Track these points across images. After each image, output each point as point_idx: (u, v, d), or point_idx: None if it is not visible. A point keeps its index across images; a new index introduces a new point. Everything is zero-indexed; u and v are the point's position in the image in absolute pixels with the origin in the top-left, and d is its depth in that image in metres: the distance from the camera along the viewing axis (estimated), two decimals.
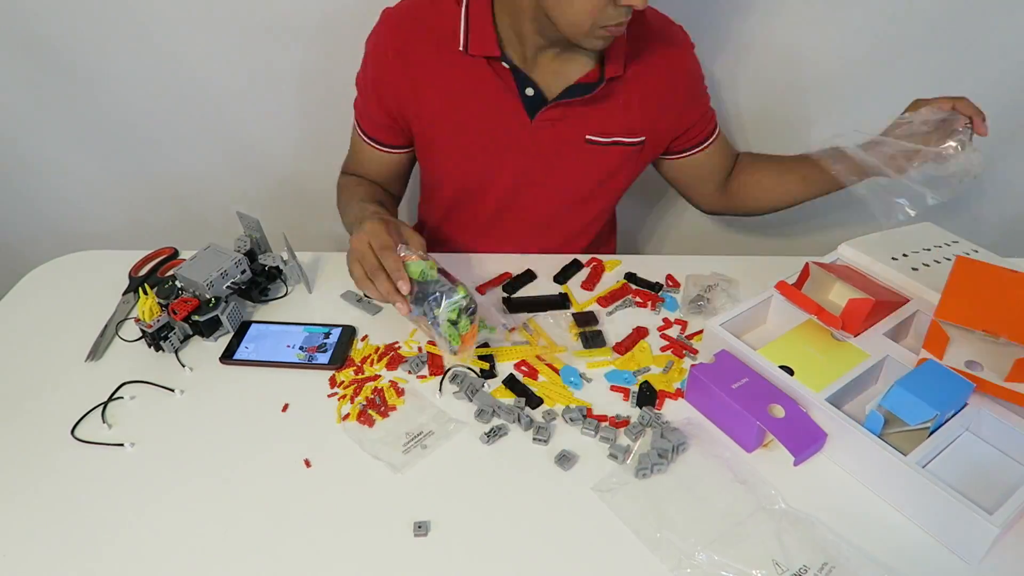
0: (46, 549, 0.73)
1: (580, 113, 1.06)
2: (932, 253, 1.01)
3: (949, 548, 0.71)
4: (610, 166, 1.13)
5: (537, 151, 1.09)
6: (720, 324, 0.90)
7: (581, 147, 1.09)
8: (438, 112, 1.07)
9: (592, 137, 1.08)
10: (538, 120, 1.05)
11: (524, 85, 1.04)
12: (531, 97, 1.04)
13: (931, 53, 1.26)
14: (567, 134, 1.08)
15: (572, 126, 1.07)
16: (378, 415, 0.86)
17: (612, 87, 1.05)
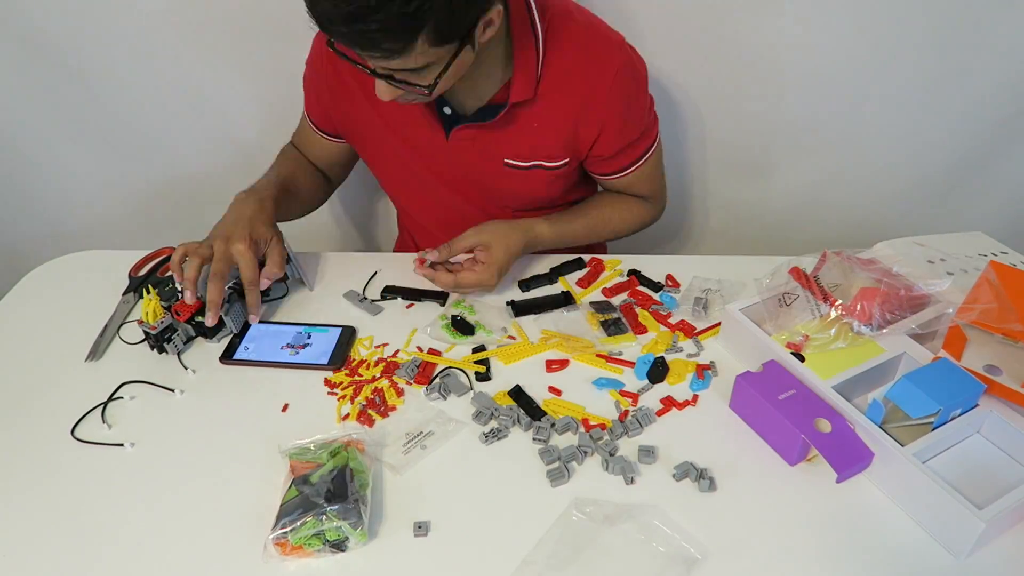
0: (46, 549, 0.73)
1: (495, 136, 1.03)
2: (975, 260, 1.00)
3: (939, 541, 0.72)
4: (536, 187, 1.10)
5: (458, 169, 1.08)
6: (739, 310, 0.91)
7: (500, 169, 1.07)
8: (363, 121, 1.08)
9: (510, 161, 1.06)
10: (453, 139, 1.04)
11: (442, 103, 1.02)
12: (448, 115, 1.03)
13: (931, 52, 1.26)
14: (484, 156, 1.05)
15: (488, 148, 1.04)
16: (378, 415, 0.86)
17: (522, 111, 1.00)
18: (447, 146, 1.04)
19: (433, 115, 1.03)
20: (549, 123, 1.02)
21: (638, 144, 1.09)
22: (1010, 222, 1.48)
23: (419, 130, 1.05)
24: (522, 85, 0.97)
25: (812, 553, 0.71)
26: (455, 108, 1.02)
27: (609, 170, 1.12)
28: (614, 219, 1.18)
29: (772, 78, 1.32)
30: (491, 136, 1.03)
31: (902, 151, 1.42)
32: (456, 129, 1.02)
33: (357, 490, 0.73)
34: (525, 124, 1.02)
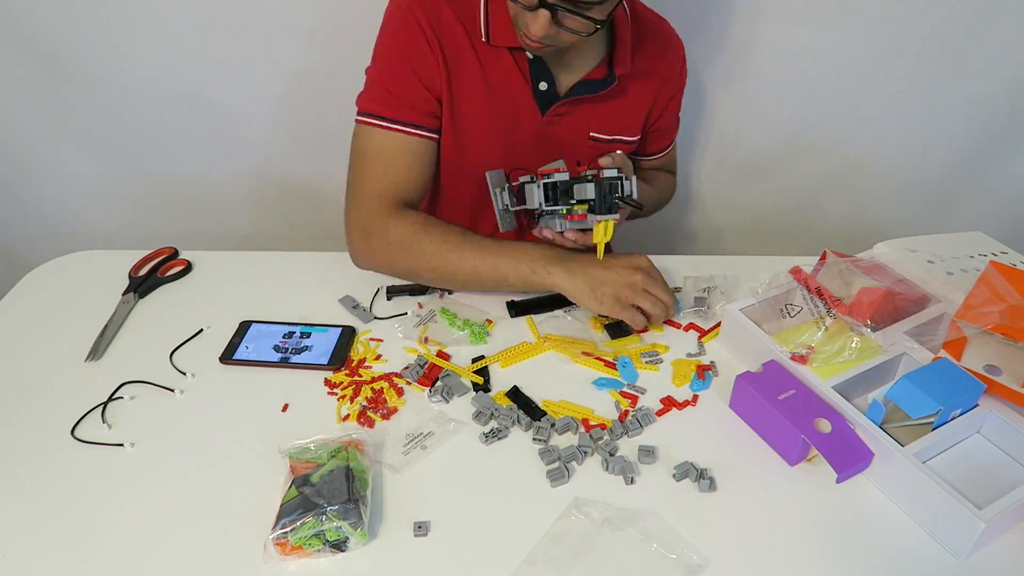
0: (46, 549, 0.73)
1: (588, 110, 1.07)
2: (975, 261, 1.01)
3: (939, 541, 0.72)
4: None
5: (543, 145, 1.09)
6: (739, 309, 0.91)
7: (584, 144, 1.10)
8: (463, 99, 1.03)
9: (595, 134, 1.10)
10: (549, 115, 1.06)
11: (539, 79, 1.03)
12: (544, 92, 1.04)
13: (931, 53, 1.26)
14: (573, 130, 1.09)
15: (578, 122, 1.08)
16: (378, 417, 0.86)
17: (619, 85, 1.06)
18: (542, 122, 1.07)
19: (529, 92, 1.04)
20: (634, 97, 1.09)
21: (677, 121, 1.21)
22: (1010, 222, 1.49)
23: (517, 109, 1.05)
24: (624, 58, 1.03)
25: (812, 553, 0.71)
26: (551, 84, 1.04)
27: (662, 145, 1.23)
28: (665, 188, 1.28)
29: (772, 79, 1.32)
30: (584, 111, 1.07)
31: (902, 151, 1.42)
32: (555, 106, 1.05)
33: (357, 490, 0.73)
34: (615, 97, 1.07)
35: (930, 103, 1.33)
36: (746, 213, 1.56)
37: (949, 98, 1.32)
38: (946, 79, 1.29)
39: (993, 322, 0.81)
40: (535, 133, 1.08)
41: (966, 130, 1.37)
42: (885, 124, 1.37)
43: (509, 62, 1.02)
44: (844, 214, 1.52)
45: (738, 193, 1.53)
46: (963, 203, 1.48)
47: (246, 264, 1.14)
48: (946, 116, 1.35)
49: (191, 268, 1.12)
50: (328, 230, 1.64)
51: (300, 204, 1.55)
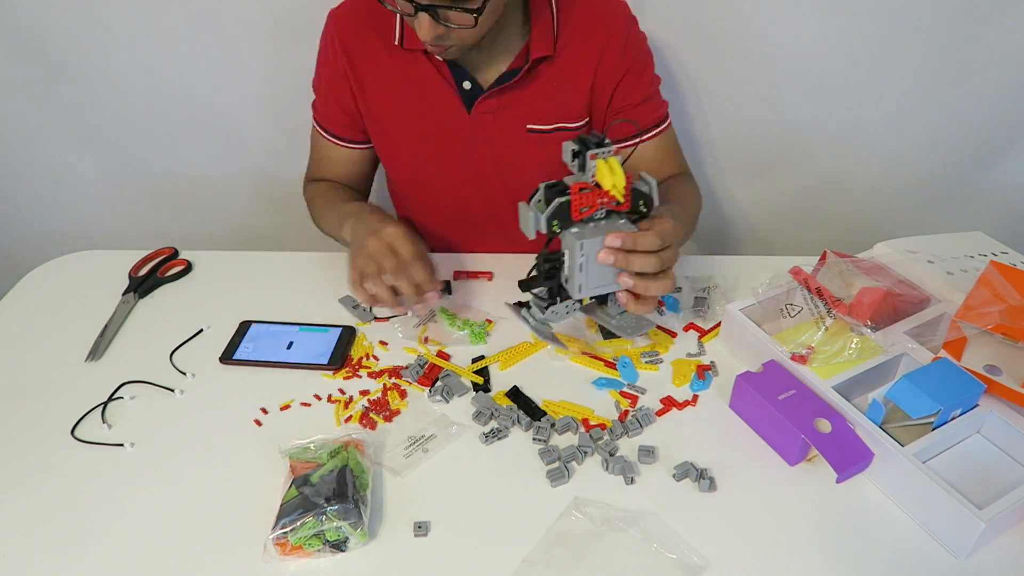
0: (46, 549, 0.73)
1: (516, 101, 1.04)
2: (975, 261, 1.00)
3: (939, 541, 0.72)
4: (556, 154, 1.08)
5: (481, 144, 1.08)
6: (740, 309, 0.91)
7: (524, 137, 1.07)
8: (385, 107, 1.07)
9: (533, 126, 1.06)
10: (475, 112, 1.04)
11: (461, 78, 1.03)
12: (468, 90, 1.03)
13: (931, 53, 1.26)
14: (506, 125, 1.06)
15: (510, 116, 1.05)
16: (380, 419, 0.86)
17: (543, 70, 1.02)
18: (470, 121, 1.05)
19: (453, 92, 1.03)
20: (569, 79, 1.04)
21: (656, 101, 1.10)
22: (1010, 222, 1.49)
23: (441, 111, 1.05)
24: (541, 41, 1.00)
25: (812, 553, 0.71)
26: (475, 81, 1.03)
27: (647, 121, 1.08)
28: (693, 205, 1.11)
29: (773, 79, 1.32)
30: (513, 103, 1.04)
31: (902, 151, 1.42)
32: (479, 101, 1.03)
33: (357, 490, 0.73)
34: (546, 83, 1.03)
35: (930, 103, 1.33)
36: (746, 213, 1.56)
37: (949, 98, 1.32)
38: (946, 79, 1.29)
39: (993, 322, 0.81)
40: (465, 132, 1.06)
41: (966, 130, 1.37)
42: (885, 124, 1.37)
43: (427, 65, 1.02)
44: (844, 214, 1.52)
45: (738, 193, 1.53)
46: (963, 203, 1.48)
47: (246, 264, 1.14)
48: (946, 116, 1.35)
49: (191, 268, 1.12)
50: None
51: (300, 204, 1.55)
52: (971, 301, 0.83)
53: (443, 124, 1.06)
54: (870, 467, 0.76)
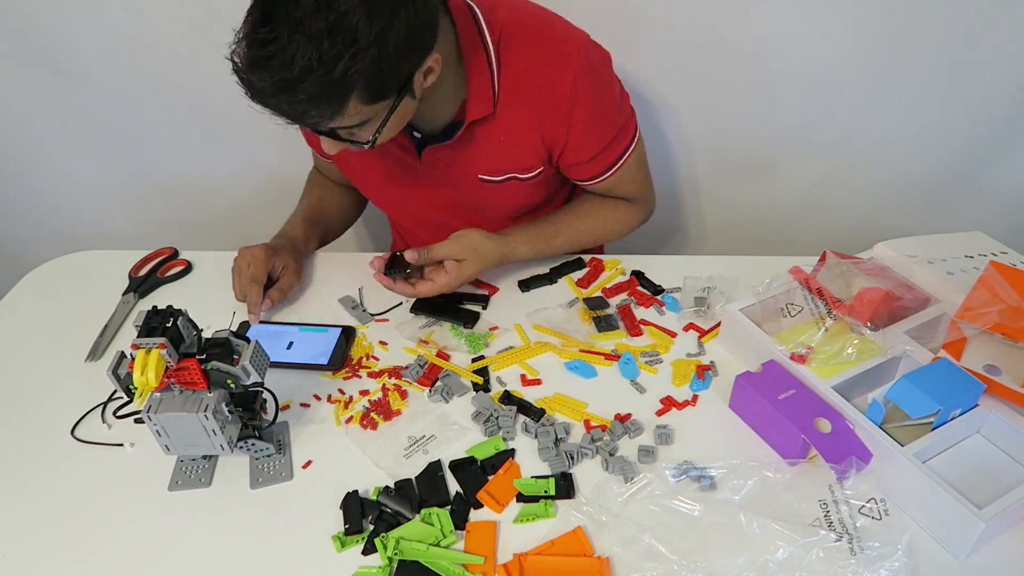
0: (46, 549, 0.73)
1: (464, 153, 1.01)
2: (975, 260, 1.00)
3: (939, 541, 0.72)
4: (516, 197, 1.09)
5: (436, 188, 1.07)
6: (739, 309, 0.91)
7: (476, 184, 1.05)
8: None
9: (484, 176, 1.04)
10: (425, 159, 1.02)
11: (410, 127, 1.01)
12: (419, 139, 1.02)
13: (931, 53, 1.26)
14: (457, 173, 1.04)
15: (461, 167, 1.03)
16: (381, 419, 0.86)
17: (485, 127, 0.98)
18: (422, 166, 1.03)
19: (405, 138, 1.01)
20: (514, 136, 0.99)
21: (614, 146, 1.04)
22: (1010, 222, 1.48)
23: (395, 155, 1.04)
24: (477, 103, 0.95)
25: (812, 553, 0.71)
26: (422, 131, 1.02)
27: (589, 175, 1.07)
28: (598, 227, 1.14)
29: (773, 79, 1.32)
30: (462, 154, 1.01)
31: (902, 151, 1.41)
32: (426, 150, 1.01)
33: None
34: (491, 139, 0.99)
35: (930, 103, 1.33)
36: (746, 213, 1.56)
37: (949, 98, 1.32)
38: (946, 79, 1.29)
39: (993, 322, 0.81)
40: (420, 176, 1.06)
41: (966, 130, 1.37)
42: (885, 124, 1.37)
43: None
44: (844, 214, 1.52)
45: (738, 193, 1.53)
46: (963, 203, 1.48)
47: None
48: (946, 116, 1.35)
49: (191, 268, 1.12)
50: None
51: None
52: (971, 301, 0.83)
53: (398, 166, 1.06)
54: (870, 467, 0.76)
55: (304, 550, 0.72)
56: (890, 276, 0.93)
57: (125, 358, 0.74)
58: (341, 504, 0.75)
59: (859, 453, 0.76)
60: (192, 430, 0.74)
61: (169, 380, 0.73)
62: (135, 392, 0.72)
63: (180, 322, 0.72)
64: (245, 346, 0.75)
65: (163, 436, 0.75)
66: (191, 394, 0.74)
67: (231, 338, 0.75)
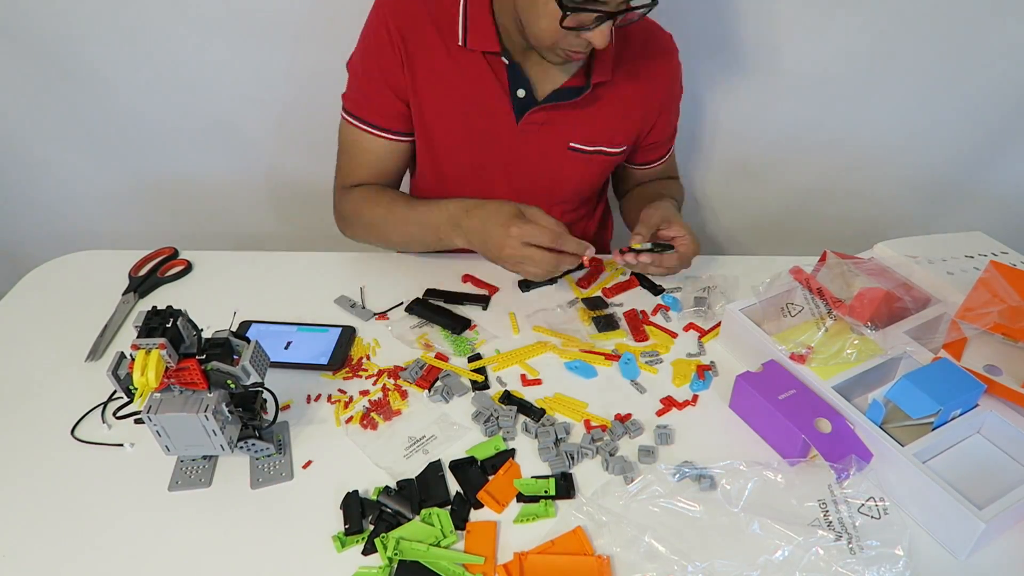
0: (46, 549, 0.73)
1: (565, 119, 1.05)
2: (975, 260, 1.01)
3: (939, 541, 0.72)
4: (589, 173, 1.13)
5: (521, 153, 1.08)
6: (740, 309, 0.91)
7: (563, 154, 1.08)
8: (434, 104, 1.05)
9: (575, 145, 1.08)
10: (524, 123, 1.04)
11: (516, 85, 1.02)
12: (521, 99, 1.03)
13: (931, 53, 1.26)
14: (550, 140, 1.07)
15: (556, 132, 1.06)
16: (381, 419, 0.86)
17: (599, 93, 1.04)
18: (516, 130, 1.05)
19: (506, 99, 1.03)
20: (619, 107, 1.06)
21: (673, 134, 1.19)
22: (1010, 222, 1.49)
23: (491, 115, 1.05)
24: (602, 66, 1.01)
25: (812, 553, 0.71)
26: (529, 91, 1.03)
27: (656, 156, 1.20)
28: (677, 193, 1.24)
29: (773, 79, 1.32)
30: (561, 120, 1.05)
31: (902, 151, 1.42)
32: (530, 112, 1.04)
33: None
34: (596, 106, 1.05)
35: (930, 103, 1.33)
36: (746, 213, 1.56)
37: (949, 98, 1.32)
38: (946, 79, 1.29)
39: (993, 322, 0.81)
40: (510, 140, 1.06)
41: (966, 130, 1.37)
42: (885, 124, 1.37)
43: (485, 67, 1.01)
44: (844, 214, 1.52)
45: (738, 193, 1.53)
46: (963, 203, 1.48)
47: (246, 264, 1.14)
48: (946, 116, 1.35)
49: (191, 268, 1.12)
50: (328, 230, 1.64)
51: (300, 204, 1.55)
52: (971, 301, 0.83)
53: (490, 129, 1.06)
54: (870, 467, 0.76)
55: (304, 550, 0.72)
56: (890, 276, 0.93)
57: (125, 358, 0.74)
58: (341, 504, 0.75)
59: (859, 453, 0.76)
60: (192, 430, 0.74)
61: (169, 380, 0.73)
62: (135, 392, 0.72)
63: (180, 322, 0.72)
64: (245, 346, 0.75)
65: (163, 436, 0.75)
66: (191, 394, 0.74)
67: (231, 338, 0.75)
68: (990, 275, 0.85)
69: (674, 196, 1.20)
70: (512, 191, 1.13)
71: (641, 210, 1.06)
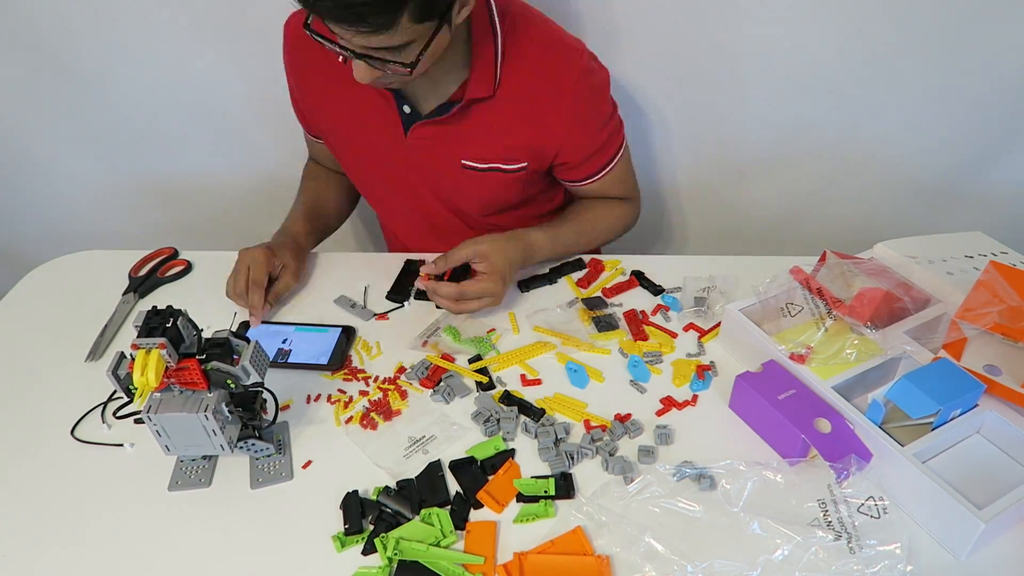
0: (46, 549, 0.73)
1: (452, 135, 1.02)
2: (975, 260, 1.00)
3: (939, 541, 0.72)
4: (490, 190, 1.09)
5: (416, 170, 1.07)
6: (739, 309, 0.91)
7: (458, 171, 1.06)
8: (327, 117, 1.09)
9: (467, 162, 1.05)
10: (411, 137, 1.03)
11: (401, 101, 1.01)
12: (408, 114, 1.02)
13: (931, 53, 1.26)
14: (441, 156, 1.04)
15: (446, 149, 1.04)
16: (381, 419, 0.86)
17: (480, 110, 0.99)
18: (406, 144, 1.04)
19: (394, 113, 1.02)
20: (507, 125, 1.00)
21: (604, 150, 1.08)
22: (1010, 222, 1.48)
23: (380, 129, 1.04)
24: (479, 81, 0.96)
25: (812, 553, 0.71)
26: (414, 107, 1.02)
27: (579, 177, 1.10)
28: (601, 222, 1.16)
29: (773, 79, 1.32)
30: (449, 136, 1.02)
31: (902, 151, 1.41)
32: (414, 127, 1.02)
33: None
34: (482, 124, 1.00)
35: (930, 103, 1.33)
36: (746, 213, 1.56)
37: (949, 98, 1.32)
38: (946, 79, 1.29)
39: (993, 322, 0.81)
40: (403, 155, 1.06)
41: (966, 130, 1.37)
42: (885, 124, 1.37)
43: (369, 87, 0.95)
44: (844, 214, 1.52)
45: (738, 193, 1.52)
46: (963, 203, 1.48)
47: None
48: (946, 116, 1.35)
49: (191, 268, 1.12)
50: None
51: None
52: (971, 301, 0.83)
53: (382, 142, 1.06)
54: (870, 467, 0.76)
55: (304, 550, 0.72)
56: (890, 276, 0.93)
57: (125, 358, 0.74)
58: (341, 504, 0.75)
59: (859, 453, 0.76)
60: (192, 430, 0.74)
61: (169, 380, 0.73)
62: (135, 392, 0.72)
63: (180, 322, 0.72)
64: (245, 346, 0.75)
65: (163, 436, 0.75)
66: (191, 394, 0.74)
67: (231, 338, 0.75)
68: (990, 275, 0.85)
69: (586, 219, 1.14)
70: (414, 201, 1.14)
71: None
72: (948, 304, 0.91)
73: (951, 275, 0.96)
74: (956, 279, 0.95)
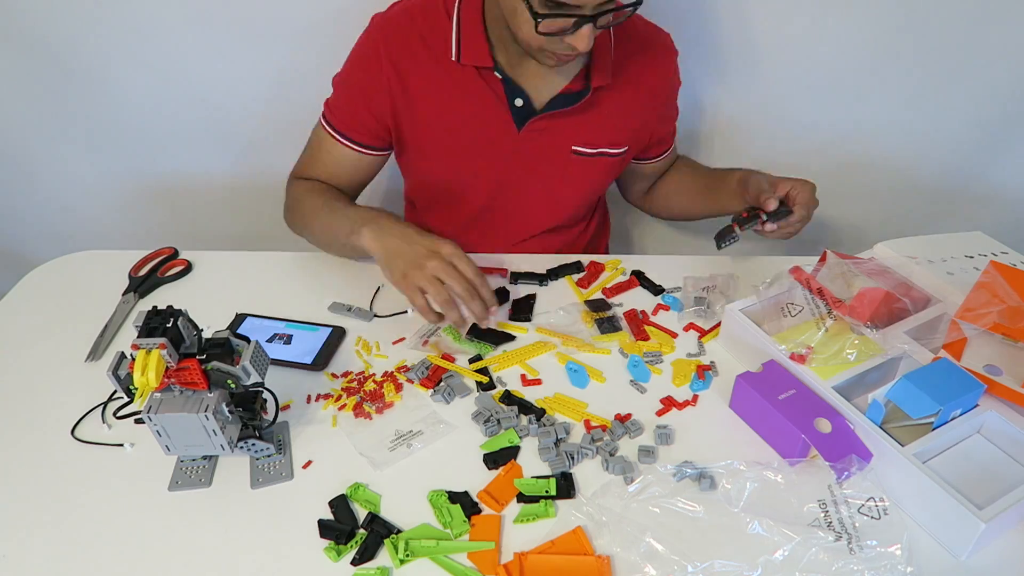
0: (46, 549, 0.73)
1: (567, 123, 1.06)
2: (975, 260, 1.01)
3: (939, 541, 0.72)
4: (593, 176, 1.15)
5: (523, 160, 1.09)
6: (740, 309, 0.91)
7: (567, 158, 1.09)
8: (430, 120, 1.07)
9: (578, 148, 1.09)
10: (525, 131, 1.06)
11: (514, 96, 1.03)
12: (520, 108, 1.04)
13: (931, 53, 1.26)
14: (553, 145, 1.08)
15: (559, 137, 1.07)
16: (374, 411, 0.86)
17: (599, 96, 1.05)
18: (518, 138, 1.06)
19: (505, 109, 1.04)
20: (620, 110, 1.08)
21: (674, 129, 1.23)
22: (1010, 222, 1.49)
23: (491, 126, 1.06)
24: (600, 70, 1.03)
25: (812, 554, 0.71)
26: (527, 100, 1.04)
27: (662, 150, 1.22)
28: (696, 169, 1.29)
29: (772, 80, 1.32)
30: (562, 125, 1.06)
31: (902, 151, 1.42)
32: (533, 121, 1.05)
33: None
34: (597, 110, 1.06)
35: (930, 103, 1.33)
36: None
37: (949, 98, 1.32)
38: (946, 79, 1.29)
39: (993, 322, 0.81)
40: (512, 149, 1.07)
41: (966, 130, 1.37)
42: (885, 124, 1.37)
43: (479, 81, 1.02)
44: (844, 214, 1.52)
45: None
46: (963, 203, 1.48)
47: (246, 264, 1.14)
48: (946, 116, 1.35)
49: (191, 268, 1.12)
50: None
51: None
52: (971, 301, 0.83)
53: (491, 139, 1.07)
54: (870, 467, 0.76)
55: (304, 550, 0.72)
56: (890, 276, 0.93)
57: (125, 358, 0.74)
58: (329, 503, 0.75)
59: (859, 453, 0.76)
60: (192, 430, 0.74)
61: (169, 380, 0.73)
62: (135, 392, 0.72)
63: (180, 322, 0.72)
64: (245, 346, 0.75)
65: (163, 436, 0.75)
66: (191, 394, 0.74)
67: (231, 338, 0.75)
68: (990, 275, 0.85)
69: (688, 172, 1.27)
70: (512, 193, 1.14)
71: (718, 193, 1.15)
72: (948, 304, 0.91)
73: (951, 275, 0.96)
74: (956, 279, 0.95)
